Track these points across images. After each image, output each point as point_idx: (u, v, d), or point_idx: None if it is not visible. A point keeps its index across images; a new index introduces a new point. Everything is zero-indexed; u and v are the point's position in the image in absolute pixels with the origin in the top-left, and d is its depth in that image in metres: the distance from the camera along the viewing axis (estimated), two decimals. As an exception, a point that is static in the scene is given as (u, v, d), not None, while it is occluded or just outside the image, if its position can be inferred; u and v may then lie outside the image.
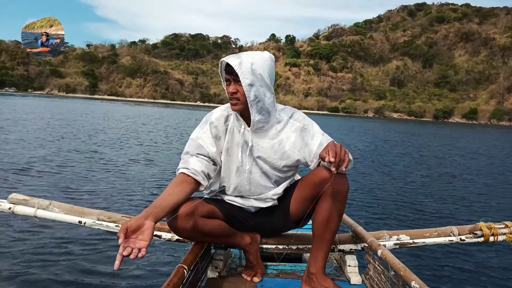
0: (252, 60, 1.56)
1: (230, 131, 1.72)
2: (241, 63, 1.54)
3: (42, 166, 6.52)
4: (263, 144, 1.71)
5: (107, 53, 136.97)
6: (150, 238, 1.27)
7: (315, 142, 1.69)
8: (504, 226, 1.93)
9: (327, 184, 1.57)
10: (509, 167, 11.87)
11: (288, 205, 1.78)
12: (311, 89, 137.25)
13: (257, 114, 1.63)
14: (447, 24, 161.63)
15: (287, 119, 1.73)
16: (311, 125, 1.74)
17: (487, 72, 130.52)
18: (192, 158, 1.63)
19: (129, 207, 4.63)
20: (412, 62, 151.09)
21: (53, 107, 32.20)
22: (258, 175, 1.75)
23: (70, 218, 1.87)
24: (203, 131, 1.70)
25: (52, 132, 12.48)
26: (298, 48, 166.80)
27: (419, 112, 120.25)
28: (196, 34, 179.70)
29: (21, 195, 1.92)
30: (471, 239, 1.92)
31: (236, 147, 1.72)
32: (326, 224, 1.63)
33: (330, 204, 1.61)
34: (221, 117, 1.72)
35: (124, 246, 1.22)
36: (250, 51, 1.68)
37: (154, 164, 8.03)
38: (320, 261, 1.66)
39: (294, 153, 1.72)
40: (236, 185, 1.76)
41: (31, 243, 3.23)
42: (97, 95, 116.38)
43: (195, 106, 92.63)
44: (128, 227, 1.24)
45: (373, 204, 5.57)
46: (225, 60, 1.57)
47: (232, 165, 1.74)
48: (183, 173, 1.59)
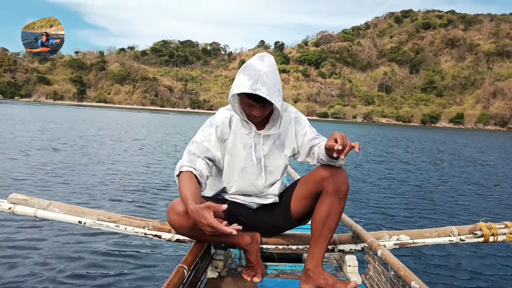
0: (272, 78, 1.55)
1: (233, 132, 1.72)
2: (269, 89, 1.52)
3: (42, 166, 6.48)
4: (268, 142, 1.75)
5: (96, 59, 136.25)
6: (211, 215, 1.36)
7: (302, 133, 1.78)
8: (504, 226, 1.94)
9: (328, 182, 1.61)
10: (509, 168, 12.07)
11: (289, 203, 1.78)
12: (300, 95, 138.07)
13: (275, 120, 1.71)
14: (433, 31, 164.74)
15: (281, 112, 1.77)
16: (302, 117, 1.82)
17: (473, 77, 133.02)
18: (199, 159, 1.61)
19: (129, 207, 4.60)
20: (400, 68, 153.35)
21: (41, 114, 31.84)
22: (263, 174, 1.76)
23: (70, 218, 1.85)
24: (208, 134, 1.69)
25: (50, 134, 12.34)
26: (287, 55, 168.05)
27: (406, 117, 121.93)
28: (185, 41, 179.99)
29: (21, 195, 1.90)
30: (471, 239, 1.92)
31: (242, 149, 1.72)
32: (325, 221, 1.64)
33: (330, 202, 1.63)
34: (226, 120, 1.71)
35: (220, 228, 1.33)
36: (257, 62, 1.58)
37: (154, 165, 8.00)
38: (317, 257, 1.67)
39: (289, 143, 1.79)
40: (238, 186, 1.77)
41: (31, 243, 3.19)
42: (85, 102, 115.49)
43: (185, 113, 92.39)
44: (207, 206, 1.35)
45: (373, 204, 5.59)
46: (254, 93, 1.50)
47: (235, 166, 1.74)
48: (191, 172, 1.56)
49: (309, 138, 1.76)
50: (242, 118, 1.69)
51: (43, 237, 3.35)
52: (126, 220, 1.87)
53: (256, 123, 1.71)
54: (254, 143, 1.72)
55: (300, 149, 1.79)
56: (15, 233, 3.38)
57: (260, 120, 1.67)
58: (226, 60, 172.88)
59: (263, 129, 1.72)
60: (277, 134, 1.75)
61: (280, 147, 1.77)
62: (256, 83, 1.50)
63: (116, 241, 3.33)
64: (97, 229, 1.88)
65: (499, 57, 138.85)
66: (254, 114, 1.60)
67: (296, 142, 1.79)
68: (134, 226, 1.85)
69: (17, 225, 3.55)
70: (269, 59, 1.59)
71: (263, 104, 1.56)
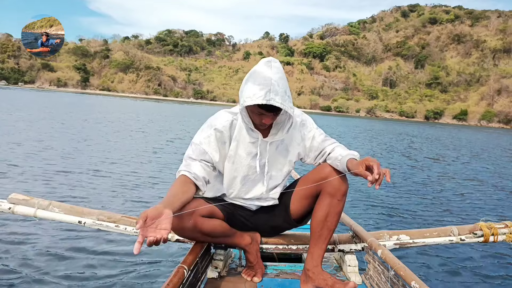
0: (282, 86, 1.52)
1: (235, 138, 1.68)
2: (282, 97, 1.49)
3: (42, 166, 6.45)
4: (271, 148, 1.72)
5: (100, 47, 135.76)
6: (170, 226, 1.26)
7: (310, 136, 1.75)
8: (504, 226, 1.93)
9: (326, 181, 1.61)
10: (509, 168, 12.05)
11: (288, 203, 1.78)
12: (304, 88, 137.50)
13: (279, 125, 1.68)
14: (440, 26, 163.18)
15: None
16: (308, 120, 1.79)
17: (478, 74, 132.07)
18: (195, 162, 1.60)
19: (129, 207, 4.58)
20: (405, 63, 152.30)
21: (46, 101, 31.77)
22: (265, 182, 1.74)
23: (69, 218, 1.85)
24: (207, 135, 1.65)
25: (51, 130, 12.33)
26: (291, 47, 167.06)
27: (410, 113, 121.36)
28: (190, 31, 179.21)
29: (21, 195, 1.90)
30: (471, 239, 1.92)
31: (245, 157, 1.69)
32: (324, 222, 1.64)
33: (329, 202, 1.62)
34: (227, 123, 1.67)
35: (144, 235, 1.20)
36: (266, 69, 1.53)
37: (154, 165, 7.98)
38: (316, 257, 1.66)
39: (294, 148, 1.76)
40: (239, 192, 1.76)
41: (31, 243, 3.19)
42: (89, 89, 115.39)
43: (188, 103, 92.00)
44: (148, 215, 1.22)
45: (373, 204, 5.58)
46: (269, 103, 1.46)
47: (237, 173, 1.72)
48: (185, 175, 1.55)
49: (318, 141, 1.75)
50: (248, 126, 1.64)
51: (42, 237, 3.35)
52: (126, 220, 1.87)
53: (262, 130, 1.69)
54: (260, 151, 1.69)
55: (310, 153, 1.77)
56: (15, 233, 3.38)
57: (266, 128, 1.66)
58: (230, 51, 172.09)
59: (268, 136, 1.69)
60: (281, 139, 1.72)
61: (283, 153, 1.75)
62: (269, 93, 1.46)
63: (116, 241, 3.33)
64: (96, 229, 1.87)
65: (506, 54, 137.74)
66: (265, 123, 1.57)
67: (304, 146, 1.76)
68: (134, 226, 1.84)
69: (17, 225, 3.55)
70: (276, 65, 1.55)
71: (275, 112, 1.54)
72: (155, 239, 1.21)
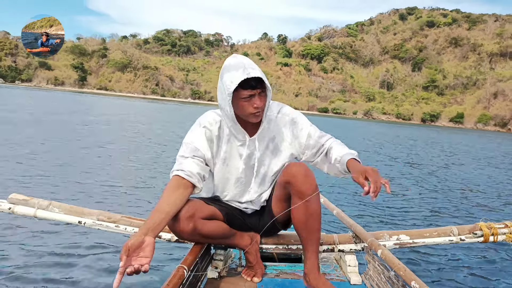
0: (255, 64, 1.54)
1: (227, 140, 1.67)
2: (260, 71, 1.51)
3: (42, 166, 6.44)
4: (261, 147, 1.70)
5: (97, 46, 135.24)
6: (152, 253, 1.25)
7: (304, 134, 1.72)
8: (504, 226, 1.94)
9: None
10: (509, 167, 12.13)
11: (271, 208, 1.76)
12: (301, 89, 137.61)
13: (265, 120, 1.66)
14: (437, 29, 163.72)
15: (275, 115, 1.72)
16: (299, 117, 1.75)
17: (475, 77, 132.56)
18: (187, 160, 1.57)
19: (129, 207, 4.55)
20: (402, 65, 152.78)
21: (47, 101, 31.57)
22: (258, 182, 1.74)
23: (69, 218, 1.85)
24: (197, 134, 1.64)
25: (51, 130, 12.30)
26: (289, 48, 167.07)
27: (407, 115, 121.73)
28: (188, 31, 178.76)
29: (21, 195, 1.89)
30: (471, 239, 1.93)
31: (237, 159, 1.68)
32: (305, 225, 1.60)
33: (301, 205, 1.56)
34: (214, 122, 1.66)
35: (125, 266, 1.18)
36: (234, 59, 1.57)
37: (154, 164, 7.99)
38: (312, 261, 1.63)
39: (287, 147, 1.73)
40: (233, 194, 1.75)
41: (31, 243, 3.18)
42: (86, 88, 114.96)
43: (186, 103, 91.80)
44: (130, 247, 1.20)
45: (373, 204, 5.60)
46: (250, 75, 1.46)
47: (230, 175, 1.71)
48: (178, 175, 1.53)
49: (315, 138, 1.72)
50: (234, 125, 1.61)
51: (42, 236, 3.33)
52: (126, 220, 1.86)
53: (250, 129, 1.66)
54: (249, 152, 1.68)
55: (306, 150, 1.74)
56: (15, 233, 3.37)
57: (259, 119, 1.61)
58: (228, 52, 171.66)
59: (256, 133, 1.67)
60: (271, 137, 1.70)
61: (275, 152, 1.72)
62: (246, 69, 1.47)
63: (116, 241, 3.32)
64: (96, 229, 1.86)
65: (502, 58, 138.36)
66: (257, 106, 1.52)
67: (298, 145, 1.73)
68: (134, 226, 1.84)
69: (17, 225, 3.53)
70: (241, 55, 1.58)
71: (260, 88, 1.51)
72: (134, 269, 1.19)
